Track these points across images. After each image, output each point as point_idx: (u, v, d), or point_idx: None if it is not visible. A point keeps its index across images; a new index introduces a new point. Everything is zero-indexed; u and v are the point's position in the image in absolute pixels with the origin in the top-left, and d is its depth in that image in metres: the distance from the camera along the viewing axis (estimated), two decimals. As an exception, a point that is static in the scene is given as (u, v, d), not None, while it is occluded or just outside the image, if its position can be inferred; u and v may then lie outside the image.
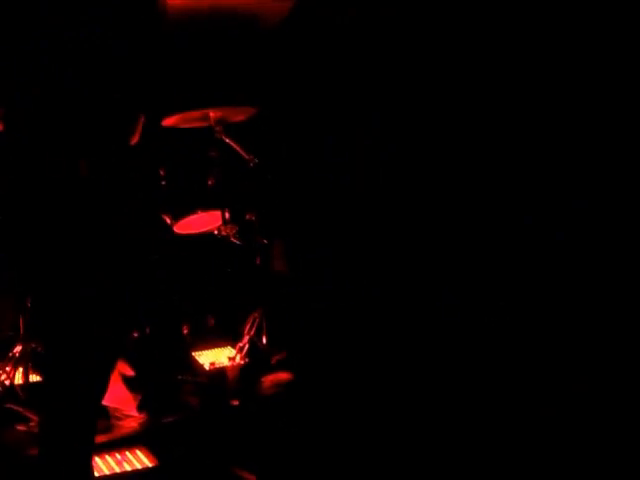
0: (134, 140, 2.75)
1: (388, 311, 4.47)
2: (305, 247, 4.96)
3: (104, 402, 3.62)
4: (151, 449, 3.55)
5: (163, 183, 4.46)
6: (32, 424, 3.66)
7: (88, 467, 2.79)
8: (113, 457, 3.49)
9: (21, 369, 4.06)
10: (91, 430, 2.76)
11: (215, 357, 4.43)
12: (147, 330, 4.26)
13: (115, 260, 2.69)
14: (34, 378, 4.07)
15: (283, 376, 4.20)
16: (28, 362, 4.06)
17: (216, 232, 4.47)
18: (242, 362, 4.33)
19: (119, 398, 3.73)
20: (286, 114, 5.04)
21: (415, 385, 3.93)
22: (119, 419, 3.73)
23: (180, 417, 3.82)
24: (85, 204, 2.60)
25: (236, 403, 3.96)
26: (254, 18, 4.69)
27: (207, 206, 4.46)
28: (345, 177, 4.89)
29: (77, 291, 2.61)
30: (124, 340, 3.39)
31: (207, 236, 4.55)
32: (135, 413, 3.75)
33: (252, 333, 4.41)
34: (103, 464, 3.41)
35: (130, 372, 3.78)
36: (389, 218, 4.74)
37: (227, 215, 4.41)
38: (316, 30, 4.90)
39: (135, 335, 4.19)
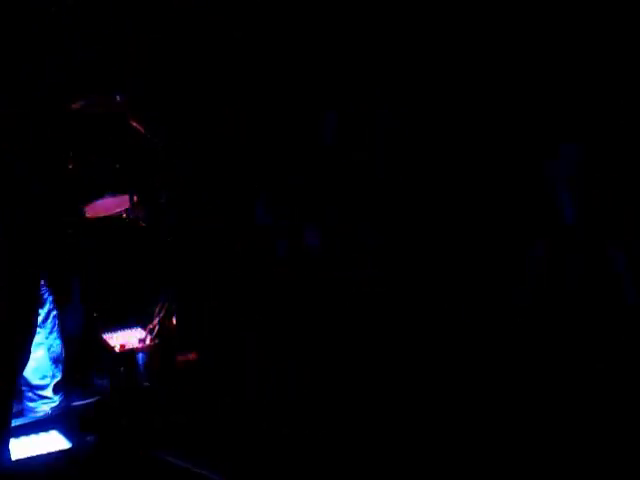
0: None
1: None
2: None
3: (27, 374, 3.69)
4: (63, 432, 3.60)
5: (70, 167, 4.46)
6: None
7: (7, 450, 2.85)
8: (27, 440, 3.54)
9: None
10: (9, 411, 2.81)
11: (125, 339, 4.46)
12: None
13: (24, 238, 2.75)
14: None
15: (192, 356, 4.29)
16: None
17: (125, 215, 4.51)
18: (152, 343, 4.38)
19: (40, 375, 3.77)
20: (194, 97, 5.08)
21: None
22: (32, 400, 3.76)
23: (92, 400, 3.88)
24: None
25: (147, 384, 4.03)
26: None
27: (115, 190, 4.50)
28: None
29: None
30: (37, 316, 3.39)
31: (116, 219, 4.57)
32: (50, 395, 3.79)
33: (162, 315, 4.47)
34: (17, 447, 3.43)
35: (59, 350, 3.81)
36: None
37: (135, 198, 4.46)
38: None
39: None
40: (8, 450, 3.02)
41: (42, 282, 3.66)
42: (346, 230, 4.75)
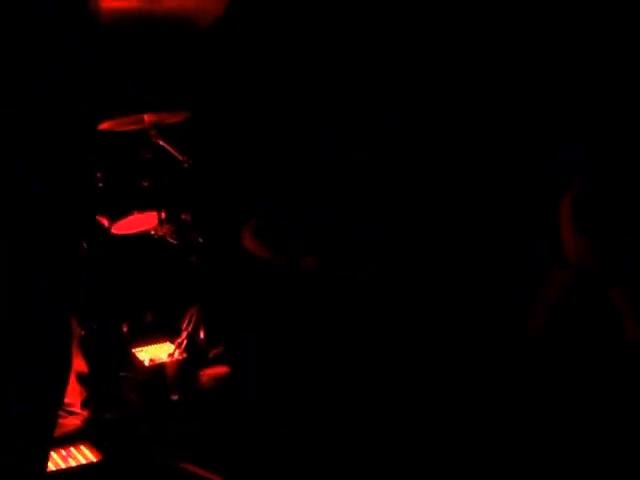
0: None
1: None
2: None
3: None
4: (94, 445, 3.62)
5: (100, 185, 4.48)
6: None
7: (44, 463, 2.85)
8: (58, 453, 3.58)
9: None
10: (52, 427, 2.82)
11: (154, 353, 4.48)
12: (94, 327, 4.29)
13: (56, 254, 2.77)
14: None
15: (221, 370, 4.29)
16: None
17: (153, 232, 4.52)
18: (181, 357, 4.39)
19: (69, 392, 3.76)
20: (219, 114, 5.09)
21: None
22: (62, 417, 3.75)
23: (121, 413, 3.88)
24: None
25: (175, 398, 4.04)
26: (186, 20, 4.72)
27: (143, 207, 4.51)
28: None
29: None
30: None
31: (144, 236, 4.59)
32: (78, 410, 3.79)
33: (190, 329, 4.48)
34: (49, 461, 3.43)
35: (84, 369, 3.81)
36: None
37: (163, 215, 4.47)
38: (248, 30, 4.96)
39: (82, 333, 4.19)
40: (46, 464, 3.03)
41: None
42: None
